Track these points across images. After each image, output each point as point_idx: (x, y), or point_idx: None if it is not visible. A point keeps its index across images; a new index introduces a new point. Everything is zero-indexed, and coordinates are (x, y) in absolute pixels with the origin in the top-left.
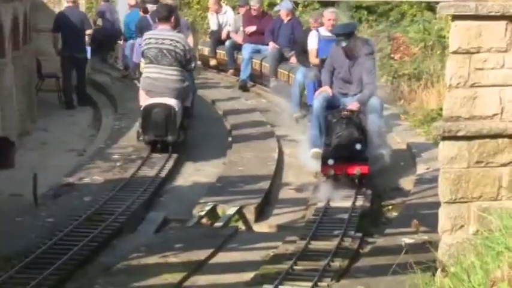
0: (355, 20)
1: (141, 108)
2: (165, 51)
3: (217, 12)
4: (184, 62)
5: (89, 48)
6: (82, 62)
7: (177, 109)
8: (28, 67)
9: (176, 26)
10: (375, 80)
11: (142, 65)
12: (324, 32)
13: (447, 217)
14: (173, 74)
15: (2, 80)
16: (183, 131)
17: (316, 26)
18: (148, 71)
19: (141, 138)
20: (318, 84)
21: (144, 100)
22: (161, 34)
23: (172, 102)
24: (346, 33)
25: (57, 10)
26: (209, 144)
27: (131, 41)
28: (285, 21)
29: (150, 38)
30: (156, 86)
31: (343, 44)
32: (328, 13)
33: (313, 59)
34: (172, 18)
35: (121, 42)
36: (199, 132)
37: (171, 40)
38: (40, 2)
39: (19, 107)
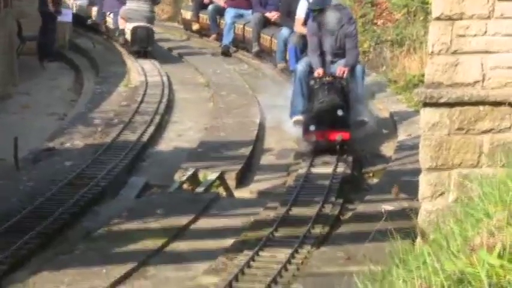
0: None
1: (129, 29)
2: None
3: None
4: None
5: (69, 11)
6: (53, 18)
7: (153, 30)
8: (9, 30)
9: None
10: (357, 45)
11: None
12: None
13: (427, 184)
14: (146, 7)
15: None
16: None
17: None
18: (129, 5)
19: (129, 48)
20: (300, 50)
21: (123, 25)
22: None
23: (148, 25)
24: (319, 9)
25: None
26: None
27: None
28: None
29: None
30: (134, 14)
31: (317, 18)
32: None
33: (299, 28)
34: None
35: None
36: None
37: None
38: None
39: (0, 70)
